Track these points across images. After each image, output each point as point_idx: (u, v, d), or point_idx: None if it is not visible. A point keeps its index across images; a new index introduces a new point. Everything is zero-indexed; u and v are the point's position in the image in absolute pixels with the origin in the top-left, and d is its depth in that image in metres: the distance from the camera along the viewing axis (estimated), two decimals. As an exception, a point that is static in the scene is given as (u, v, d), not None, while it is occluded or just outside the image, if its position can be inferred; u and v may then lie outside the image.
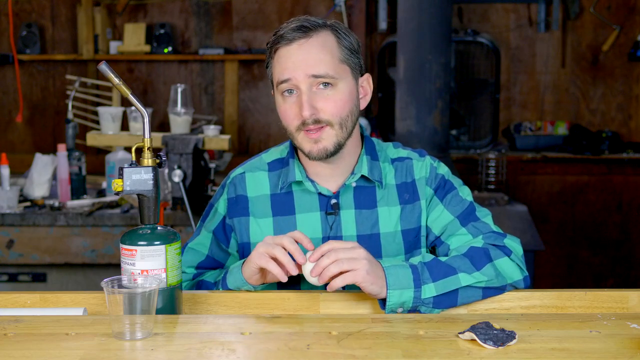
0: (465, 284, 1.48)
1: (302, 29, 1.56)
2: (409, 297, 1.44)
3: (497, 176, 4.34)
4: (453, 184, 1.69)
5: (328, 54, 1.56)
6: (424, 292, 1.45)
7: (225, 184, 1.73)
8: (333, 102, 1.56)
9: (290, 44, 1.56)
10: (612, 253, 4.77)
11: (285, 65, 1.56)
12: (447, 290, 1.47)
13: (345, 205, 1.64)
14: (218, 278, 1.64)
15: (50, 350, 1.21)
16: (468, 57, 4.74)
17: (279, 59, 1.58)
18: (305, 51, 1.55)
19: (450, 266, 1.49)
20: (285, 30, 1.57)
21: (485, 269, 1.50)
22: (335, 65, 1.56)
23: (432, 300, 1.46)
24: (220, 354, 1.20)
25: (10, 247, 3.24)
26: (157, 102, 5.04)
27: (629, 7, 4.90)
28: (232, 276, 1.56)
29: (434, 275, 1.47)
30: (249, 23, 5.06)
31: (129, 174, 1.40)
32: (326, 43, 1.57)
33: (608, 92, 4.98)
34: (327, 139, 1.57)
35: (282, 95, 1.58)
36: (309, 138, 1.56)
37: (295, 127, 1.57)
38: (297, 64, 1.55)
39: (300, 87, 1.55)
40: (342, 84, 1.57)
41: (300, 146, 1.59)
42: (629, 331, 1.32)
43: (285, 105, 1.58)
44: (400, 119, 3.71)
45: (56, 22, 5.08)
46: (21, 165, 3.91)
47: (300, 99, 1.55)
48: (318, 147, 1.57)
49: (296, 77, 1.55)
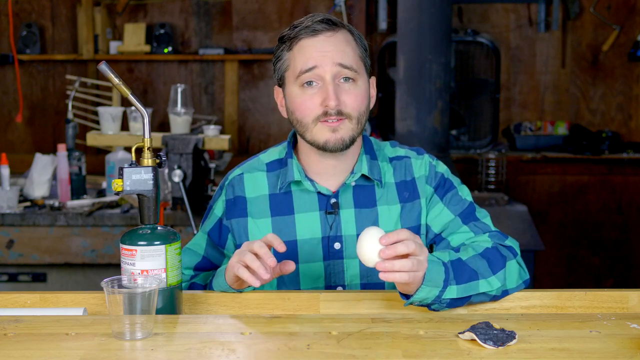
0: (482, 291, 1.48)
1: (329, 22, 1.59)
2: (434, 295, 1.43)
3: (497, 176, 4.34)
4: (453, 182, 1.69)
5: (351, 49, 1.60)
6: (447, 292, 1.44)
7: (223, 186, 1.72)
8: (354, 96, 1.58)
9: (316, 35, 1.58)
10: (612, 253, 4.77)
11: (311, 54, 1.57)
12: (465, 295, 1.46)
13: (344, 204, 1.64)
14: (207, 281, 1.65)
15: (50, 350, 1.21)
16: (468, 57, 4.73)
17: (301, 49, 1.58)
18: (332, 43, 1.58)
19: (473, 270, 1.48)
20: (310, 22, 1.59)
21: (500, 273, 1.50)
22: (356, 60, 1.60)
23: (449, 301, 1.45)
24: (220, 354, 1.20)
25: (10, 247, 3.24)
26: (157, 102, 5.04)
27: (629, 7, 4.90)
28: (216, 280, 1.57)
29: (459, 278, 1.45)
30: (249, 23, 5.06)
31: (129, 174, 1.40)
32: (348, 39, 1.61)
33: (608, 92, 4.98)
34: (344, 130, 1.58)
35: (302, 86, 1.58)
36: (327, 126, 1.57)
37: (314, 117, 1.57)
38: (325, 53, 1.57)
39: (325, 77, 1.56)
40: (360, 80, 1.60)
41: (315, 138, 1.59)
42: (629, 331, 1.32)
43: (305, 96, 1.58)
44: (400, 119, 3.71)
45: (56, 22, 5.08)
46: (21, 165, 3.91)
47: (325, 90, 1.56)
48: (336, 136, 1.57)
49: (322, 66, 1.56)
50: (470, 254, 1.52)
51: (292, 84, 1.60)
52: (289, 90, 1.62)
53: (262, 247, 1.43)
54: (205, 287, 1.66)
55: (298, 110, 1.60)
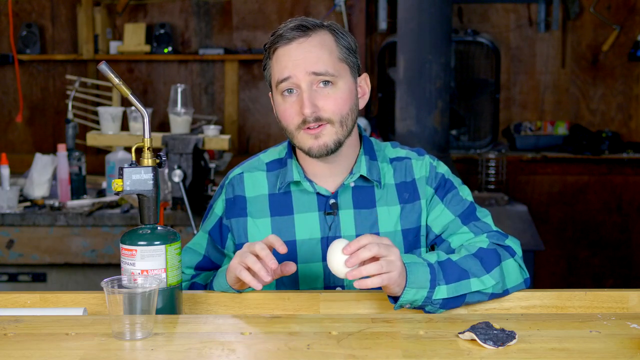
0: (475, 290, 1.48)
1: (301, 28, 1.56)
2: (422, 297, 1.44)
3: (497, 176, 4.34)
4: (453, 183, 1.69)
5: (327, 52, 1.56)
6: (436, 293, 1.45)
7: (223, 185, 1.72)
8: (333, 100, 1.56)
9: (289, 43, 1.56)
10: (612, 253, 4.77)
11: (285, 64, 1.56)
12: (457, 294, 1.47)
13: (343, 205, 1.64)
14: (207, 281, 1.65)
15: (50, 350, 1.21)
16: (468, 57, 4.73)
17: (277, 58, 1.58)
18: (304, 49, 1.55)
19: (463, 269, 1.49)
20: (283, 30, 1.57)
21: (494, 271, 1.50)
22: (334, 63, 1.57)
23: (441, 301, 1.46)
24: (220, 354, 1.20)
25: (10, 247, 3.24)
26: (157, 102, 5.04)
27: (629, 7, 4.90)
28: (217, 280, 1.57)
29: (448, 278, 1.46)
30: (249, 23, 5.06)
31: (129, 174, 1.40)
32: (325, 42, 1.57)
33: (608, 92, 4.98)
34: (327, 135, 1.56)
35: (282, 95, 1.58)
36: (309, 134, 1.56)
37: (296, 125, 1.57)
38: (297, 62, 1.55)
39: (300, 85, 1.55)
40: (341, 82, 1.58)
41: (300, 144, 1.59)
42: (629, 331, 1.32)
43: (285, 104, 1.58)
44: (400, 119, 3.71)
45: (56, 22, 5.08)
46: (21, 165, 3.91)
47: (301, 98, 1.55)
48: (318, 143, 1.56)
49: (296, 75, 1.55)
50: (462, 255, 1.53)
51: (275, 92, 1.61)
52: (275, 98, 1.62)
53: (264, 249, 1.43)
54: (206, 287, 1.67)
55: (282, 118, 1.60)
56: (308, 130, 1.56)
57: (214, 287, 1.58)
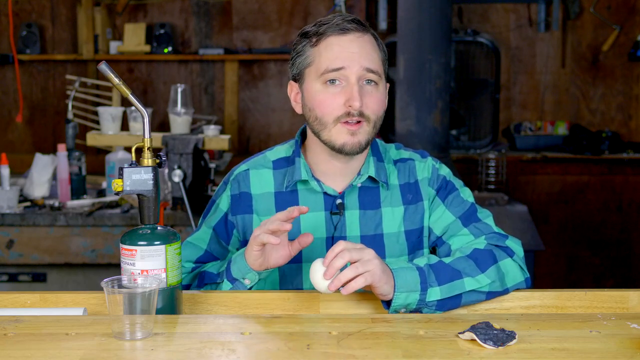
0: (470, 289, 1.49)
1: (358, 22, 1.59)
2: (414, 300, 1.45)
3: (497, 176, 4.34)
4: (455, 185, 1.70)
5: (376, 52, 1.60)
6: (429, 295, 1.46)
7: (228, 181, 1.71)
8: (376, 99, 1.59)
9: (345, 34, 1.57)
10: (612, 253, 4.77)
11: (339, 54, 1.56)
12: (451, 295, 1.47)
13: (350, 205, 1.65)
14: (221, 269, 1.61)
15: (50, 350, 1.21)
16: (468, 57, 4.73)
17: (328, 46, 1.57)
18: (360, 45, 1.58)
19: (455, 270, 1.50)
20: (337, 20, 1.58)
21: (489, 271, 1.51)
22: (380, 65, 1.60)
23: (436, 303, 1.47)
24: (220, 354, 1.20)
25: (10, 247, 3.24)
26: (157, 102, 5.04)
27: (629, 7, 4.90)
28: (235, 264, 1.55)
29: (440, 279, 1.47)
30: (249, 23, 5.06)
31: (129, 174, 1.40)
32: (374, 43, 1.61)
33: (608, 92, 4.98)
34: (362, 134, 1.58)
35: (325, 84, 1.57)
36: (347, 129, 1.56)
37: (335, 117, 1.56)
38: (353, 55, 1.56)
39: (350, 78, 1.56)
40: (381, 84, 1.61)
41: (333, 138, 1.58)
42: (629, 331, 1.32)
43: (327, 94, 1.57)
44: (400, 119, 3.71)
45: (56, 22, 5.08)
46: (21, 165, 3.91)
47: (349, 90, 1.55)
48: (353, 140, 1.57)
49: (350, 67, 1.55)
50: (455, 256, 1.55)
51: (314, 80, 1.59)
52: (309, 87, 1.60)
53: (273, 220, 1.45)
54: (219, 275, 1.62)
55: (319, 108, 1.58)
56: (347, 125, 1.56)
57: (232, 272, 1.55)
